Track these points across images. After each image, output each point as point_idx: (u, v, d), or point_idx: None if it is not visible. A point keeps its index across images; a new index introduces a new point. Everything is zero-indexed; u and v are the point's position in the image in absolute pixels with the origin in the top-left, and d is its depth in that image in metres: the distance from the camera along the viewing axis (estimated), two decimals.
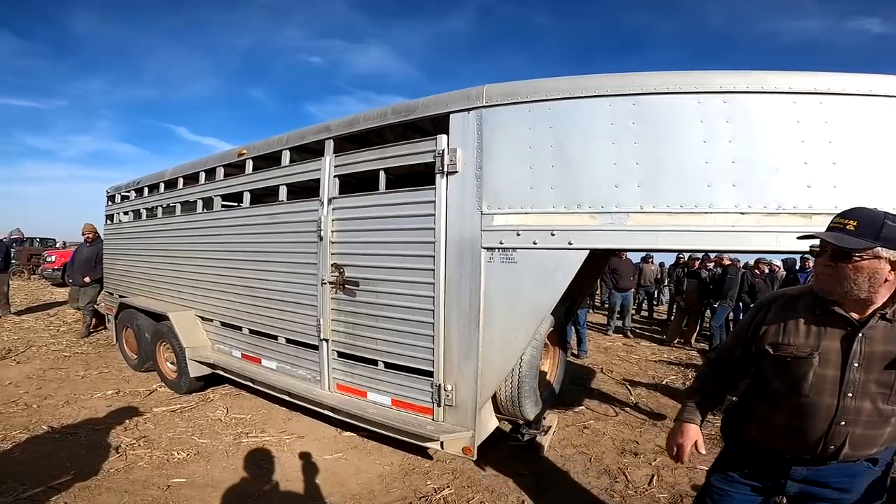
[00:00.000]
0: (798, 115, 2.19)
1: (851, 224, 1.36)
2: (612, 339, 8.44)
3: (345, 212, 3.19)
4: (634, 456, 3.55)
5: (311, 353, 3.50)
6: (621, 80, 2.40)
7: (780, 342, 1.51)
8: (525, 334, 2.54)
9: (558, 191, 2.43)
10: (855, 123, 2.16)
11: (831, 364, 1.43)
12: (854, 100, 2.17)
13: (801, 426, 1.47)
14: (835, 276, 1.39)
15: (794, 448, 1.53)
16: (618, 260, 8.10)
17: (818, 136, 2.17)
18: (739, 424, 1.71)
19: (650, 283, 11.14)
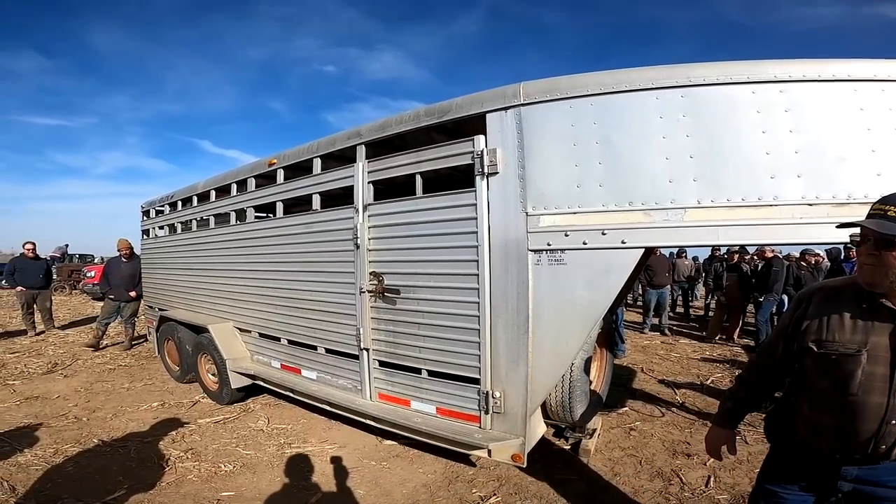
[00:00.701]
0: (861, 102, 2.09)
1: (893, 210, 1.29)
2: (650, 338, 8.23)
3: (381, 218, 3.15)
4: (687, 457, 3.42)
5: (351, 362, 3.48)
6: (667, 71, 2.30)
7: (823, 339, 1.44)
8: (577, 339, 2.45)
9: (608, 188, 2.33)
10: None
11: (880, 361, 1.35)
12: None
13: (851, 426, 1.40)
14: (879, 266, 1.31)
15: (844, 448, 1.45)
16: (651, 256, 7.90)
17: (884, 124, 2.07)
18: (784, 425, 1.64)
19: (684, 279, 10.82)
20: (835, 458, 1.49)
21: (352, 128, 3.40)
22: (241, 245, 4.47)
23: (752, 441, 3.63)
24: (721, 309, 8.38)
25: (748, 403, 1.79)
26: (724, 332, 8.14)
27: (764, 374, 1.73)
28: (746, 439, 3.67)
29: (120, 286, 7.12)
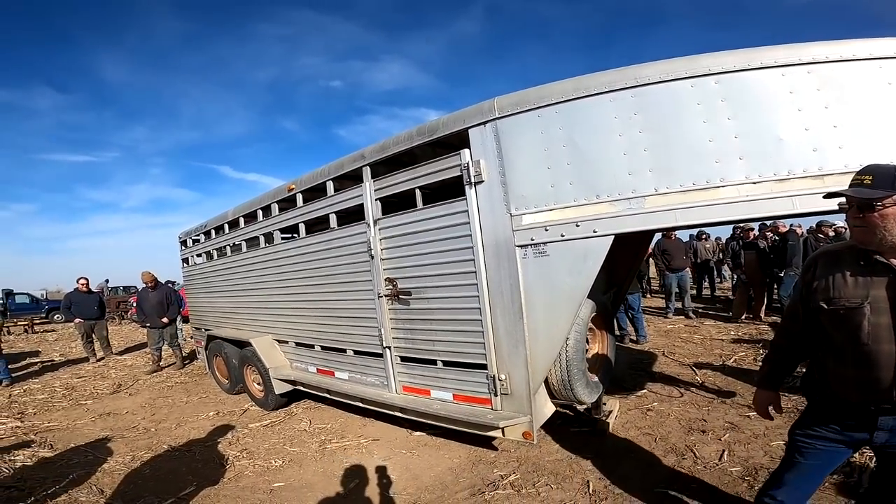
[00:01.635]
0: (789, 85, 2.29)
1: (868, 179, 1.52)
2: (674, 322, 8.23)
3: (390, 230, 3.53)
4: (702, 433, 3.56)
5: (376, 360, 3.86)
6: (618, 74, 2.56)
7: (831, 296, 1.62)
8: (566, 320, 2.75)
9: (577, 185, 2.63)
10: (845, 87, 2.24)
11: (882, 311, 1.51)
12: (839, 66, 2.25)
13: (870, 375, 1.54)
14: (866, 226, 1.53)
15: (872, 398, 1.57)
16: (666, 241, 7.93)
17: (814, 103, 2.26)
18: (818, 382, 1.78)
19: (708, 259, 10.68)
20: (870, 410, 1.60)
21: (356, 151, 3.78)
22: (271, 264, 4.93)
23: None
24: (743, 288, 8.27)
25: (784, 365, 1.96)
26: (751, 310, 8.02)
27: (790, 337, 1.90)
28: None
29: (152, 314, 7.82)
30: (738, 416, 3.80)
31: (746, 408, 3.95)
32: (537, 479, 3.10)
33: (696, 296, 10.87)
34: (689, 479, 2.94)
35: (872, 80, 2.23)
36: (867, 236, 1.54)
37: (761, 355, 5.66)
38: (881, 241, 1.51)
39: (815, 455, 1.80)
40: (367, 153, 3.62)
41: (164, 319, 7.83)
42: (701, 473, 2.99)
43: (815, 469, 1.84)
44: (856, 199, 1.54)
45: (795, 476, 1.86)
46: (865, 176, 1.53)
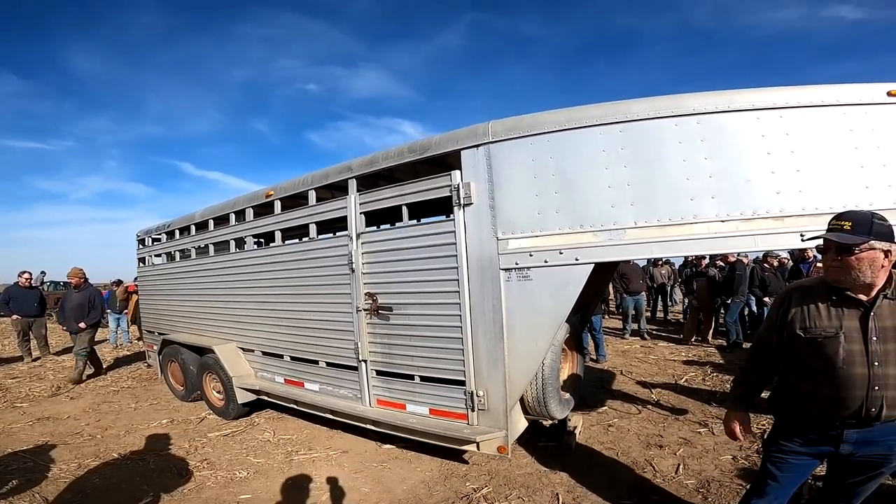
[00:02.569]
0: (762, 129, 2.50)
1: (847, 224, 1.68)
2: (630, 343, 8.56)
3: (373, 245, 3.56)
4: (659, 448, 3.76)
5: (351, 373, 3.85)
6: (608, 109, 2.72)
7: (808, 326, 1.79)
8: (545, 341, 2.88)
9: (563, 214, 2.77)
10: (811, 132, 2.47)
11: (855, 340, 1.70)
12: (808, 111, 2.47)
13: (844, 395, 1.71)
14: (842, 268, 1.70)
15: (842, 414, 1.74)
16: (625, 265, 8.22)
17: (781, 147, 2.47)
18: (787, 401, 1.94)
19: (664, 283, 11.25)
20: (835, 424, 1.78)
21: (343, 162, 3.80)
22: (241, 271, 4.82)
23: (718, 432, 3.99)
24: (694, 312, 8.72)
25: (755, 388, 2.13)
26: (700, 333, 8.50)
27: (762, 363, 2.05)
28: (713, 430, 4.04)
29: (70, 317, 6.89)
30: (690, 433, 4.05)
31: (698, 424, 4.22)
32: (509, 493, 3.17)
33: (650, 318, 11.37)
34: (650, 492, 3.10)
35: (836, 126, 2.46)
36: (842, 276, 1.71)
37: (709, 375, 6.04)
38: (854, 280, 1.69)
39: (788, 468, 1.97)
40: (354, 165, 3.64)
41: (82, 325, 6.86)
42: (660, 486, 3.16)
43: (790, 480, 2.01)
44: (836, 244, 1.69)
45: (773, 487, 2.03)
46: (845, 222, 1.69)
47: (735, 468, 3.35)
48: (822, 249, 1.78)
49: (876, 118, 2.47)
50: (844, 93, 2.48)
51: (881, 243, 1.65)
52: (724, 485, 3.12)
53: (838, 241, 1.68)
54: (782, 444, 1.97)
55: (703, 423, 4.26)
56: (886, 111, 2.48)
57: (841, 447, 1.82)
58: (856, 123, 2.47)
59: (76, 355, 6.91)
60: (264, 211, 4.56)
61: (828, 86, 2.51)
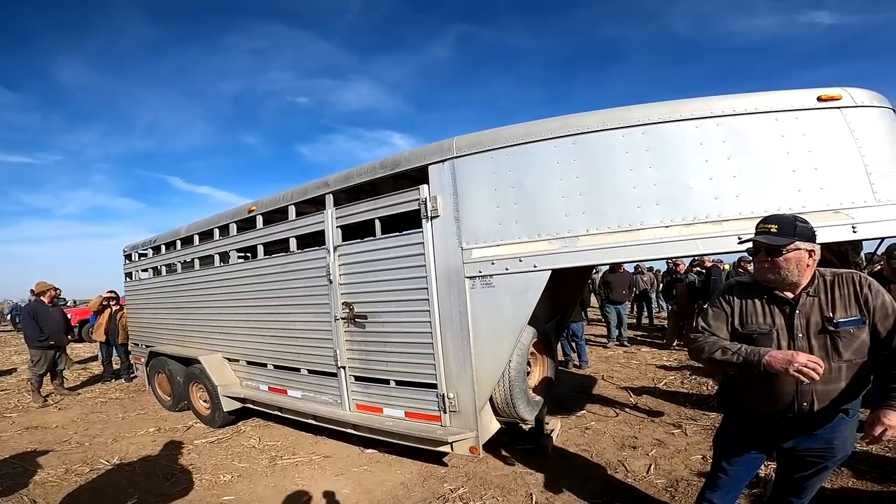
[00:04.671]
0: (701, 137, 2.63)
1: (774, 228, 1.80)
2: (613, 349, 8.69)
3: (349, 257, 3.73)
4: (633, 449, 3.88)
5: (331, 380, 3.99)
6: (561, 122, 2.89)
7: (746, 322, 1.89)
8: (508, 344, 3.04)
9: (521, 224, 2.95)
10: (746, 138, 2.60)
11: (783, 336, 1.81)
12: (742, 118, 2.61)
13: (777, 389, 1.81)
14: (772, 268, 1.82)
15: (777, 409, 1.83)
16: (611, 274, 8.35)
17: (719, 154, 2.61)
18: (731, 397, 2.03)
19: (645, 292, 11.49)
20: (775, 419, 1.87)
21: (320, 178, 3.96)
22: (225, 284, 4.96)
23: (691, 433, 4.15)
24: (675, 317, 8.84)
25: None
26: (682, 338, 8.54)
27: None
28: (686, 431, 4.19)
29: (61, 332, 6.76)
30: (664, 434, 4.19)
31: (672, 426, 4.37)
32: (484, 493, 3.27)
33: (635, 325, 11.56)
34: (621, 491, 3.21)
35: (769, 132, 2.59)
36: (772, 276, 1.82)
37: (688, 378, 6.19)
38: (783, 279, 1.81)
39: (737, 462, 2.07)
40: (330, 181, 3.82)
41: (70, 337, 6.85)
42: (632, 486, 3.27)
43: (740, 474, 2.12)
44: (766, 245, 1.80)
45: (724, 481, 2.13)
46: (771, 225, 1.81)
47: (704, 467, 3.45)
48: (753, 252, 1.89)
49: (806, 123, 2.60)
50: (776, 99, 2.62)
51: (805, 244, 1.78)
52: (692, 483, 3.23)
53: (767, 242, 1.80)
54: (730, 441, 2.08)
55: (677, 424, 4.40)
56: (816, 116, 2.61)
57: (785, 442, 1.92)
58: (787, 129, 2.59)
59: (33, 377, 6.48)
60: (247, 226, 4.71)
61: (761, 93, 2.65)
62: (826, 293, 1.82)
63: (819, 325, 1.79)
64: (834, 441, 1.88)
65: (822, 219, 2.44)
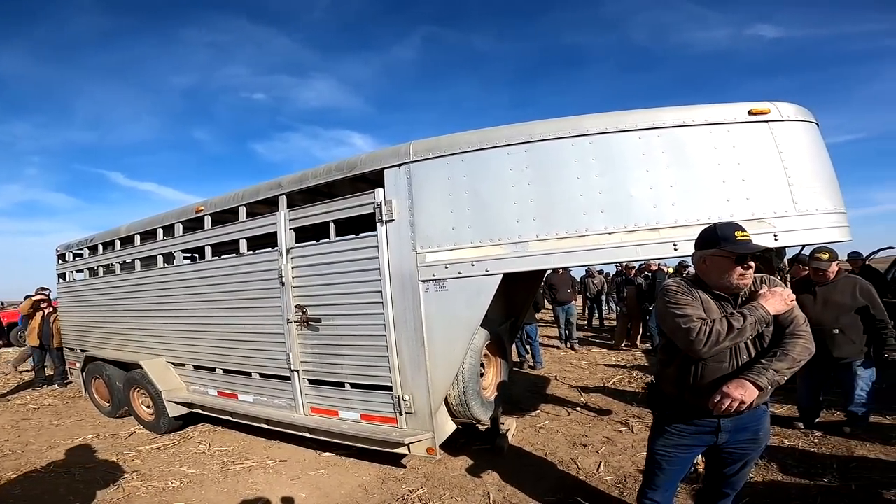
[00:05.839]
0: (643, 147, 2.77)
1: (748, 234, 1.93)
2: (566, 351, 8.93)
3: (302, 259, 3.68)
4: (584, 447, 4.01)
5: (284, 383, 3.93)
6: (515, 130, 2.97)
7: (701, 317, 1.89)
8: (462, 346, 3.11)
9: (474, 229, 3.01)
10: (682, 149, 2.76)
11: None
12: (680, 130, 2.76)
13: (720, 385, 1.84)
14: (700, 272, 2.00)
15: None
16: (554, 275, 8.49)
17: (658, 164, 2.75)
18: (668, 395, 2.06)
19: (595, 294, 11.85)
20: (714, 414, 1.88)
21: (273, 179, 3.88)
22: (171, 286, 4.76)
23: (636, 430, 4.30)
24: (623, 319, 9.20)
25: None
26: (629, 339, 9.00)
27: None
28: (633, 429, 4.35)
29: None
30: (613, 432, 4.38)
31: (620, 424, 4.56)
32: (443, 493, 3.31)
33: (587, 326, 11.97)
34: (573, 488, 3.29)
35: (703, 144, 2.75)
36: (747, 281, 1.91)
37: (635, 378, 6.48)
38: (710, 283, 1.96)
39: (675, 460, 2.12)
40: (284, 182, 3.75)
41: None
42: (583, 483, 3.38)
43: (676, 472, 2.18)
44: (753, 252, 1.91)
45: (663, 479, 2.18)
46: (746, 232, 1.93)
47: None
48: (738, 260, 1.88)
49: (737, 136, 2.78)
50: (711, 112, 2.79)
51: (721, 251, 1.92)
52: (639, 479, 3.26)
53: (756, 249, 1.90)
54: (667, 439, 2.10)
55: (624, 422, 4.59)
56: (746, 129, 2.79)
57: (720, 436, 1.99)
58: (719, 141, 2.76)
59: None
60: (195, 226, 4.54)
61: (698, 106, 2.81)
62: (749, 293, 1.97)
63: None
64: (759, 432, 2.03)
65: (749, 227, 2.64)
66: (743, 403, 1.76)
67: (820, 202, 2.76)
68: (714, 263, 1.95)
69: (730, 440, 2.00)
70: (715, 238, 1.93)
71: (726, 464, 2.10)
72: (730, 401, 1.76)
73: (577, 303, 10.17)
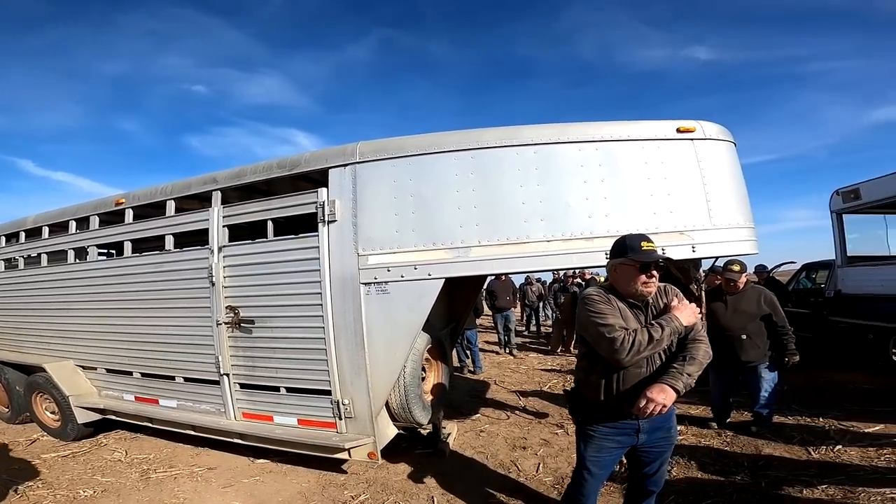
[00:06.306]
0: (582, 159, 2.89)
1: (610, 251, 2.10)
2: (505, 356, 9.14)
3: (236, 258, 3.51)
4: (523, 450, 4.08)
5: (212, 388, 3.74)
6: (463, 136, 3.01)
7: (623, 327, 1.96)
8: (403, 350, 3.10)
9: (418, 233, 3.01)
10: (617, 163, 2.91)
11: None
12: (616, 144, 2.92)
13: (640, 389, 1.94)
14: (614, 280, 2.08)
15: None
16: (495, 281, 8.62)
17: (594, 176, 2.89)
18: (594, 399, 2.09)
19: (533, 302, 12.17)
20: (635, 416, 1.98)
21: (208, 173, 3.66)
22: (83, 283, 4.37)
23: (571, 433, 4.16)
24: (558, 324, 9.51)
25: None
26: (564, 344, 9.32)
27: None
28: (568, 431, 4.40)
29: None
30: (549, 434, 4.51)
31: (556, 426, 4.71)
32: (386, 498, 3.26)
33: (525, 332, 12.33)
34: (514, 490, 3.34)
35: (635, 159, 2.91)
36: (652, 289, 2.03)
37: (569, 382, 6.67)
38: (620, 290, 2.06)
39: (602, 464, 2.19)
40: (220, 177, 3.55)
41: None
42: (524, 485, 3.41)
43: (603, 475, 2.27)
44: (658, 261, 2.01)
45: (592, 483, 2.24)
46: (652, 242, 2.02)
47: None
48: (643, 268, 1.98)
49: (665, 152, 2.96)
50: (644, 129, 2.96)
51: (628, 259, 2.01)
52: None
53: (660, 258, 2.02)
54: (595, 444, 2.15)
55: (560, 425, 4.73)
56: (673, 146, 2.98)
57: (640, 436, 2.08)
58: (650, 156, 2.93)
59: None
60: (113, 219, 4.19)
61: (633, 122, 2.98)
62: (660, 301, 2.10)
63: None
64: (671, 430, 2.18)
65: (670, 239, 2.86)
66: (665, 407, 1.90)
67: (733, 218, 3.03)
68: (622, 272, 2.05)
69: (647, 440, 2.11)
70: (623, 248, 2.03)
71: (646, 463, 2.21)
72: (654, 405, 1.87)
73: (516, 309, 10.44)
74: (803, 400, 4.95)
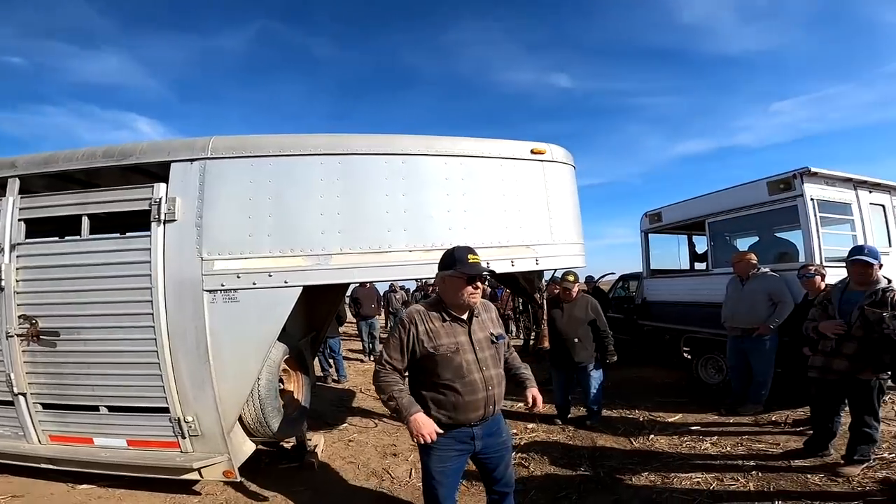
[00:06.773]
0: (447, 173, 2.98)
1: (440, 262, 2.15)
2: (369, 364, 8.87)
3: (36, 259, 2.96)
4: (395, 456, 4.02)
5: (4, 409, 3.12)
6: (332, 140, 2.91)
7: (436, 344, 2.03)
8: (256, 361, 2.89)
9: (275, 238, 2.84)
10: (478, 178, 3.07)
11: (468, 351, 2.06)
12: (478, 160, 3.08)
13: (475, 398, 2.03)
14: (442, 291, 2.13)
15: (474, 416, 2.06)
16: (359, 289, 8.49)
17: (457, 190, 3.01)
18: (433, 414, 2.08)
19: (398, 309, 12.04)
20: (470, 425, 2.07)
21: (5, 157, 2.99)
22: None
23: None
24: None
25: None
26: None
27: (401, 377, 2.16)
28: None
29: None
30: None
31: None
32: None
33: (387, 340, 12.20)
34: (390, 498, 3.27)
35: (494, 175, 3.07)
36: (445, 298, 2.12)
37: None
38: (447, 301, 2.12)
39: (449, 472, 2.19)
40: (20, 162, 2.92)
41: None
42: (398, 491, 3.35)
43: (452, 482, 2.25)
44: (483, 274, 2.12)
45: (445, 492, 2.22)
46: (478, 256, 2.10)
47: None
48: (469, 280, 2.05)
49: (520, 171, 3.19)
50: (504, 147, 3.15)
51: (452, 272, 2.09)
52: None
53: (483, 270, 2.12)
54: (438, 454, 2.15)
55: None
56: (527, 166, 3.23)
57: (476, 443, 2.15)
58: (506, 174, 3.13)
59: None
60: None
61: (494, 140, 3.15)
62: (482, 314, 2.22)
63: (487, 340, 2.16)
64: (503, 433, 2.29)
65: (519, 252, 3.15)
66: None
67: (570, 234, 3.45)
68: (451, 283, 2.11)
69: (485, 446, 2.19)
70: (452, 260, 2.10)
71: (491, 468, 2.30)
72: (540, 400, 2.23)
73: (381, 317, 10.37)
74: (622, 394, 5.68)
